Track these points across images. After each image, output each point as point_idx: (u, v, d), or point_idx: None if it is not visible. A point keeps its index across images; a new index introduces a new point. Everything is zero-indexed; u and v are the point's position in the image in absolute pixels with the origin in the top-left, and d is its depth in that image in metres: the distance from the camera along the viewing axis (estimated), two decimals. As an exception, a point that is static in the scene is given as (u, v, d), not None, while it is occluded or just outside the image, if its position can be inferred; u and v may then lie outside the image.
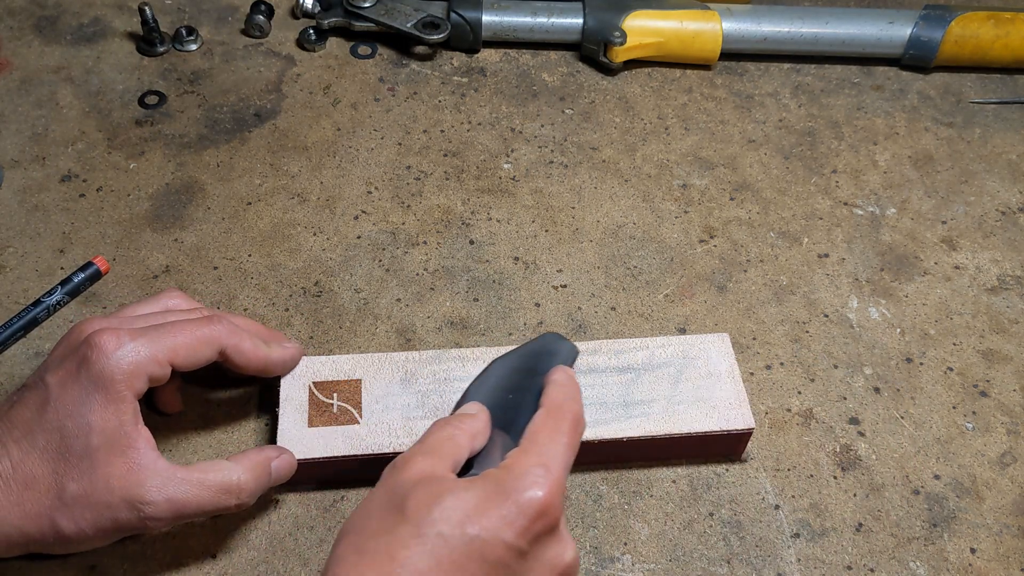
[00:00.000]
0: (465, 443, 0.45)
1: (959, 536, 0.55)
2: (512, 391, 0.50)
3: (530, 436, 0.45)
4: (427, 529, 0.40)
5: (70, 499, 0.45)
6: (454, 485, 0.42)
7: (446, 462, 0.44)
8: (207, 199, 0.69)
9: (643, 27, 0.79)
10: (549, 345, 0.52)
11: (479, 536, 0.40)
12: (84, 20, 0.82)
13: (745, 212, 0.71)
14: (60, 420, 0.46)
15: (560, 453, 0.44)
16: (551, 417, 0.45)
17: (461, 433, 0.46)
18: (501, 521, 0.40)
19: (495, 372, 0.51)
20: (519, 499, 0.41)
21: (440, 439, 0.45)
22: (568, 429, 0.45)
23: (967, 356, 0.64)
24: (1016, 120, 0.80)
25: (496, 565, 0.40)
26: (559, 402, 0.46)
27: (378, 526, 0.41)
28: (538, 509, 0.41)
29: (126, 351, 0.47)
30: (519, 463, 0.43)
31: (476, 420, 0.47)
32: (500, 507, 0.41)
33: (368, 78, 0.79)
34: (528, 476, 0.42)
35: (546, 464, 0.43)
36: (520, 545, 0.41)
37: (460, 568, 0.40)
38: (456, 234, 0.68)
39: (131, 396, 0.47)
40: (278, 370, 0.54)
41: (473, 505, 0.41)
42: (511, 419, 0.48)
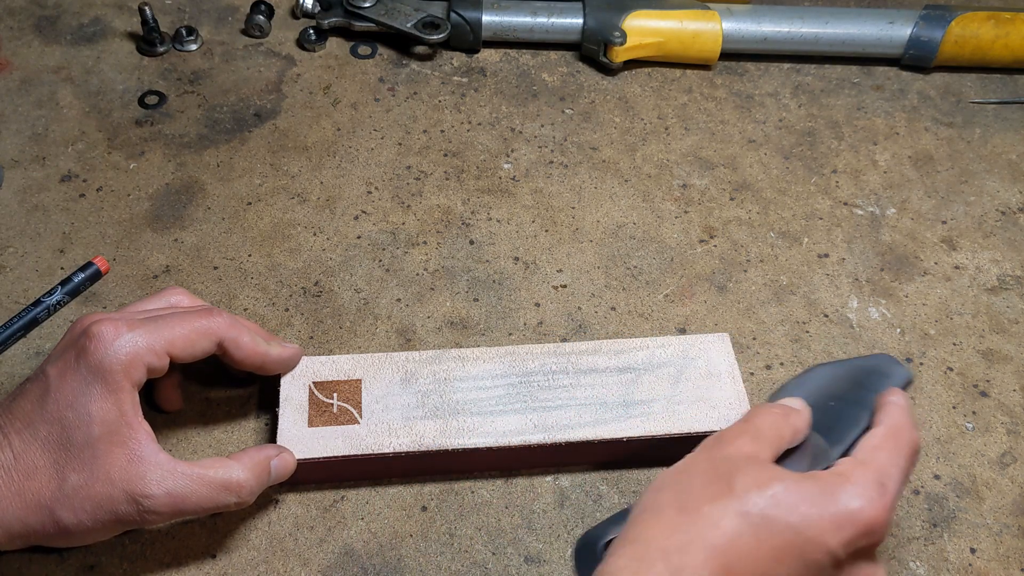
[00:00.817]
0: (787, 435, 0.45)
1: (959, 536, 0.55)
2: (835, 399, 0.49)
3: (869, 451, 0.44)
4: (753, 509, 0.40)
5: (71, 490, 0.46)
6: (783, 474, 0.41)
7: (769, 449, 0.44)
8: (207, 199, 0.69)
9: (643, 27, 0.79)
10: (883, 365, 0.51)
11: (805, 532, 0.40)
12: (84, 20, 0.82)
13: (745, 212, 0.71)
14: (60, 411, 0.46)
15: (897, 477, 0.43)
16: (893, 438, 0.44)
17: (787, 425, 0.45)
18: (829, 524, 0.40)
19: (818, 376, 0.50)
20: (851, 507, 0.40)
21: (766, 424, 0.45)
22: (908, 455, 0.44)
23: (967, 356, 0.64)
24: (1016, 120, 0.80)
25: (811, 566, 0.40)
26: (902, 426, 0.45)
27: (702, 491, 0.41)
28: (868, 525, 0.41)
29: (124, 341, 0.47)
30: (857, 474, 0.42)
31: (800, 416, 0.46)
32: (830, 510, 0.40)
33: (368, 78, 0.79)
34: (865, 488, 0.41)
35: (884, 483, 0.42)
36: (840, 555, 0.40)
37: (778, 556, 0.39)
38: (456, 234, 0.68)
39: (129, 386, 0.47)
40: (276, 368, 0.54)
41: (803, 500, 0.40)
42: (830, 425, 0.47)
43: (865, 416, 0.47)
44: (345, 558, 0.52)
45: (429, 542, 0.53)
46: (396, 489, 0.55)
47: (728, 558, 0.39)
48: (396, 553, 0.52)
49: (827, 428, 0.47)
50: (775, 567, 0.39)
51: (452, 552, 0.53)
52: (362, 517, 0.54)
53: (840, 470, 0.42)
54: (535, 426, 0.54)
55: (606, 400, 0.55)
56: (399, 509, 0.54)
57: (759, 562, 0.39)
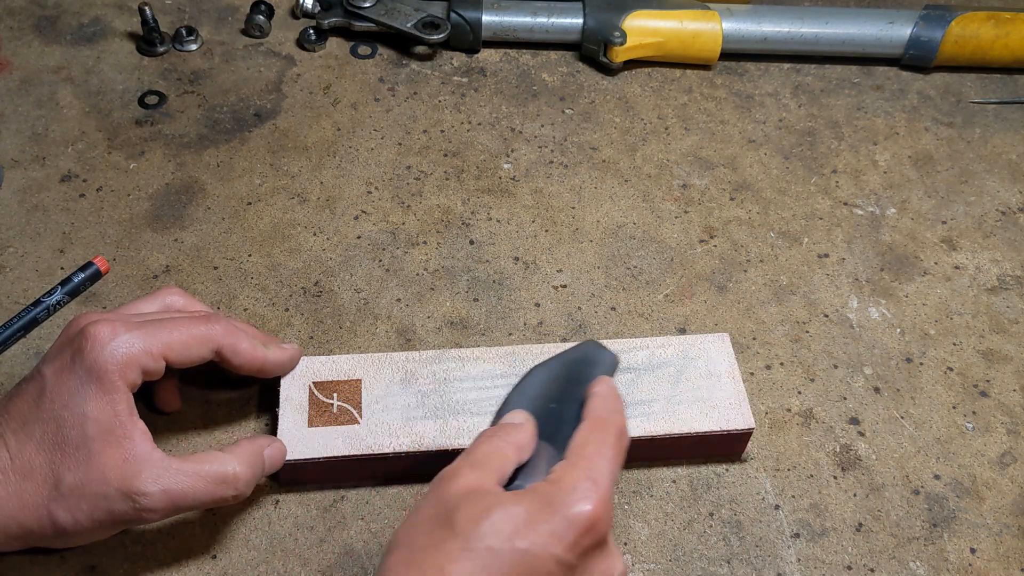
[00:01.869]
0: (512, 455, 0.45)
1: (959, 536, 0.55)
2: (554, 400, 0.49)
3: (576, 449, 0.44)
4: (476, 543, 0.40)
5: (67, 490, 0.45)
6: (503, 499, 0.42)
7: (493, 475, 0.44)
8: (207, 199, 0.69)
9: (643, 27, 0.79)
10: (589, 354, 0.51)
11: (529, 550, 0.40)
12: (84, 20, 0.82)
13: (745, 212, 0.71)
14: (56, 411, 0.46)
15: (607, 467, 0.44)
16: (596, 430, 0.45)
17: (508, 446, 0.45)
18: (551, 535, 0.40)
19: (535, 381, 0.51)
20: (568, 513, 0.41)
21: (487, 452, 0.45)
22: (613, 442, 0.45)
23: (967, 356, 0.64)
24: (1016, 120, 0.80)
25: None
26: (603, 414, 0.46)
27: (427, 540, 0.41)
28: (587, 523, 0.41)
29: (120, 342, 0.47)
30: (567, 477, 0.43)
31: (522, 431, 0.47)
32: (549, 521, 0.41)
33: (368, 78, 0.79)
34: (577, 491, 0.42)
35: (594, 478, 0.42)
36: (570, 559, 0.41)
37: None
38: (456, 234, 0.68)
39: (124, 387, 0.47)
40: (275, 371, 0.54)
41: (522, 519, 0.41)
42: (554, 430, 0.48)
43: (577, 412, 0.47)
44: (345, 558, 0.52)
45: (429, 542, 0.53)
46: (396, 489, 0.55)
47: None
48: (396, 553, 0.52)
49: (552, 433, 0.47)
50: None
51: (452, 552, 0.53)
52: (362, 517, 0.54)
53: (553, 476, 0.43)
54: (535, 426, 0.54)
55: (606, 400, 0.55)
56: (399, 509, 0.54)
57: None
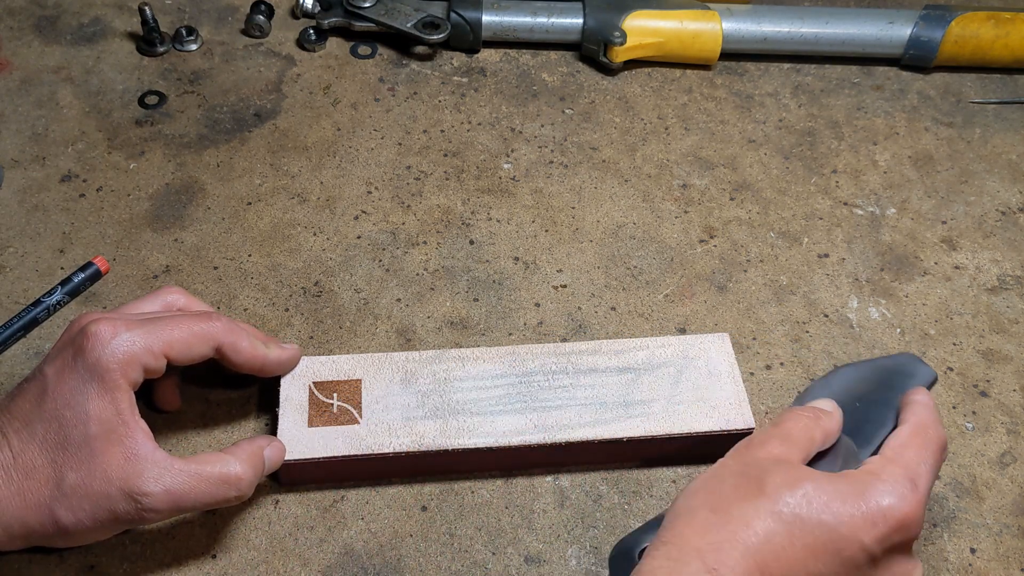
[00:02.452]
0: (819, 438, 0.45)
1: (959, 536, 0.55)
2: (861, 400, 0.49)
3: (896, 448, 0.44)
4: (785, 508, 0.40)
5: (69, 489, 0.46)
6: (814, 474, 0.42)
7: (800, 452, 0.44)
8: (207, 199, 0.69)
9: (643, 27, 0.79)
10: (907, 365, 0.51)
11: (837, 528, 0.40)
12: (84, 20, 0.82)
13: (745, 212, 0.71)
14: (58, 410, 0.46)
15: (926, 473, 0.43)
16: (919, 436, 0.45)
17: (817, 427, 0.45)
18: (863, 520, 0.40)
19: (843, 377, 0.50)
20: (883, 504, 0.41)
21: (798, 428, 0.45)
22: (935, 451, 0.44)
23: (967, 356, 0.64)
24: (1016, 120, 0.80)
25: (848, 563, 0.40)
26: (928, 423, 0.46)
27: (734, 493, 0.41)
28: (901, 520, 0.41)
29: (121, 340, 0.47)
30: (887, 471, 0.42)
31: (832, 419, 0.46)
32: (862, 507, 0.41)
33: (368, 78, 0.79)
34: (896, 485, 0.41)
35: (914, 479, 0.42)
36: (875, 550, 0.40)
37: (813, 554, 0.40)
38: (456, 234, 0.68)
39: (126, 386, 0.47)
40: (275, 370, 0.55)
41: (835, 498, 0.41)
42: (857, 426, 0.47)
43: (891, 416, 0.47)
44: (345, 558, 0.52)
45: (429, 542, 0.53)
46: (396, 489, 0.55)
47: (762, 556, 0.39)
48: (396, 553, 0.52)
49: (854, 430, 0.47)
50: (810, 563, 0.40)
51: (452, 552, 0.53)
52: (362, 517, 0.54)
53: (870, 468, 0.43)
54: (535, 426, 0.54)
55: (606, 400, 0.55)
56: (399, 509, 0.54)
57: (794, 559, 0.40)
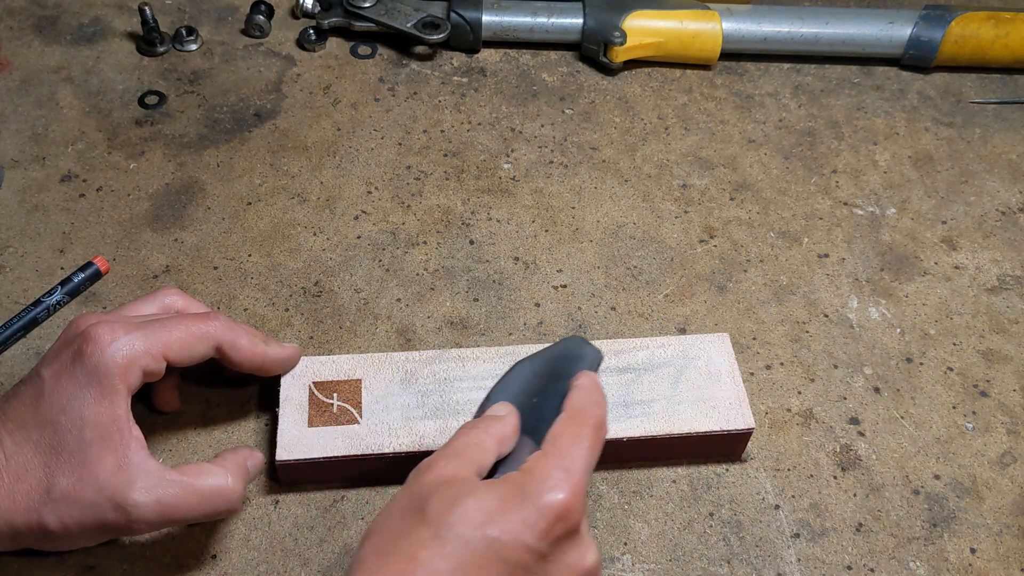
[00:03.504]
0: (492, 447, 0.45)
1: (959, 536, 0.55)
2: (536, 395, 0.49)
3: (551, 440, 0.45)
4: (446, 531, 0.40)
5: (58, 495, 0.45)
6: (474, 487, 0.42)
7: (471, 466, 0.44)
8: (207, 199, 0.69)
9: (643, 27, 0.79)
10: (573, 349, 0.52)
11: (499, 538, 0.40)
12: (84, 20, 0.82)
13: (745, 212, 0.71)
14: (54, 414, 0.46)
15: (581, 456, 0.44)
16: (573, 421, 0.46)
17: (488, 437, 0.46)
18: (521, 523, 0.41)
19: (519, 375, 0.51)
20: (539, 502, 0.41)
21: (466, 443, 0.45)
22: (590, 433, 0.45)
23: (967, 356, 0.64)
24: (1016, 120, 0.80)
25: (516, 567, 0.40)
26: (581, 406, 0.46)
27: (399, 528, 0.41)
28: (558, 512, 0.41)
29: (120, 344, 0.47)
30: (539, 466, 0.43)
31: (504, 424, 0.47)
32: (520, 509, 0.41)
33: (368, 78, 0.79)
34: (549, 479, 0.42)
35: (567, 467, 0.43)
36: (540, 547, 0.41)
37: (480, 569, 0.40)
38: (456, 234, 0.68)
39: (125, 390, 0.47)
40: (276, 369, 0.54)
41: (493, 507, 0.41)
42: (536, 424, 0.48)
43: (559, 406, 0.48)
44: (345, 558, 0.52)
45: (429, 542, 0.53)
46: (396, 489, 0.55)
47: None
48: (396, 553, 0.52)
49: (534, 427, 0.48)
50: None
51: (452, 552, 0.53)
52: (362, 517, 0.54)
53: (525, 467, 0.43)
54: (535, 426, 0.54)
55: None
56: (399, 509, 0.54)
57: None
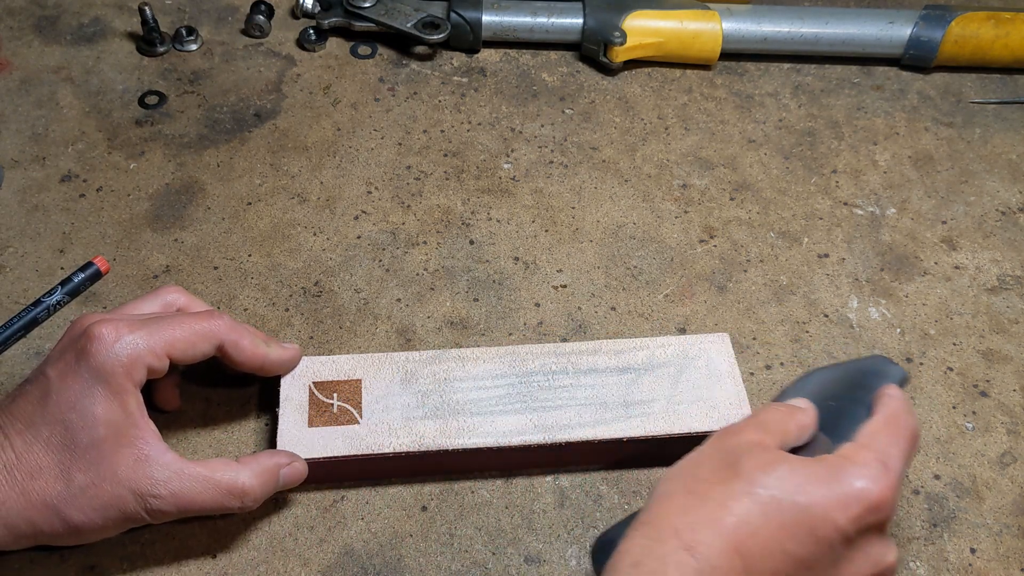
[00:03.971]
0: (793, 430, 0.46)
1: (959, 536, 0.55)
2: (835, 399, 0.49)
3: (868, 435, 0.45)
4: (760, 489, 0.41)
5: (78, 490, 0.46)
6: (788, 457, 0.42)
7: (775, 439, 0.44)
8: (207, 199, 0.69)
9: (643, 27, 0.79)
10: (879, 365, 0.52)
11: (811, 509, 0.40)
12: (84, 20, 0.82)
13: (745, 212, 0.71)
14: (63, 413, 0.46)
15: (898, 457, 0.44)
16: (891, 424, 0.45)
17: (792, 420, 0.46)
18: (836, 502, 0.41)
19: (817, 379, 0.51)
20: (855, 486, 0.41)
21: (774, 419, 0.45)
22: (908, 438, 0.45)
23: (967, 356, 0.64)
24: (1016, 120, 0.80)
25: (822, 542, 0.41)
26: (899, 413, 0.46)
27: (710, 475, 0.42)
28: (874, 502, 0.41)
29: (125, 343, 0.47)
30: (859, 455, 0.43)
31: (806, 414, 0.47)
32: (837, 489, 0.41)
33: (368, 78, 0.79)
34: (868, 468, 0.42)
35: (885, 462, 0.43)
36: (849, 531, 0.41)
37: (788, 534, 0.40)
38: (456, 234, 0.68)
39: (132, 387, 0.48)
40: (276, 369, 0.55)
41: (807, 480, 0.41)
42: (832, 424, 0.48)
43: (864, 413, 0.48)
44: (345, 558, 0.52)
45: (429, 542, 0.53)
46: (396, 489, 0.55)
47: (738, 535, 0.40)
48: (396, 553, 0.52)
49: (830, 427, 0.48)
50: (786, 543, 0.40)
51: (452, 552, 0.53)
52: (362, 517, 0.54)
53: (843, 453, 0.43)
54: (535, 426, 0.54)
55: (606, 400, 0.55)
56: (399, 509, 0.54)
57: (769, 538, 0.40)
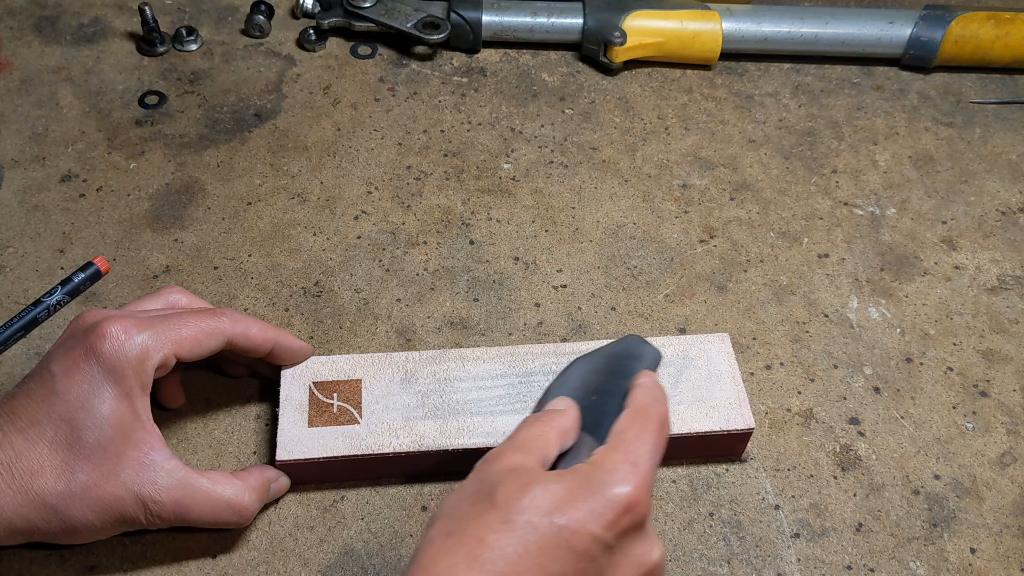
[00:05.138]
0: (555, 440, 0.46)
1: (959, 536, 0.55)
2: (595, 393, 0.50)
3: (617, 435, 0.45)
4: (516, 516, 0.41)
5: (79, 490, 0.46)
6: (543, 477, 0.42)
7: (536, 457, 0.44)
8: (207, 199, 0.69)
9: (643, 27, 0.79)
10: (632, 348, 0.52)
11: (567, 526, 0.40)
12: (84, 20, 0.82)
13: (745, 212, 0.71)
14: (70, 411, 0.46)
15: (647, 452, 0.44)
16: (637, 418, 0.46)
17: (551, 430, 0.46)
18: (589, 513, 0.41)
19: (577, 373, 0.51)
20: (607, 493, 0.42)
21: (531, 435, 0.46)
22: (655, 430, 0.45)
23: (967, 356, 0.64)
24: (1016, 120, 0.80)
25: (583, 556, 0.41)
26: (645, 404, 0.47)
27: (467, 511, 0.42)
28: (626, 504, 0.42)
29: (134, 342, 0.47)
30: (607, 459, 0.43)
31: (566, 417, 0.47)
32: (588, 500, 0.41)
33: (368, 78, 0.79)
34: (616, 472, 0.42)
35: (634, 461, 0.43)
36: (607, 539, 0.41)
37: (548, 555, 0.40)
38: (456, 234, 0.68)
39: (140, 388, 0.47)
40: (287, 356, 0.54)
41: (562, 496, 0.41)
42: (595, 421, 0.48)
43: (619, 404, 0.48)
44: (345, 558, 0.52)
45: (429, 542, 0.53)
46: (396, 489, 0.55)
47: (497, 568, 0.39)
48: (396, 553, 0.52)
49: (594, 424, 0.48)
50: (547, 565, 0.40)
51: (452, 552, 0.53)
52: (362, 517, 0.54)
53: (593, 459, 0.44)
54: (535, 426, 0.54)
55: (606, 400, 0.55)
56: (399, 509, 0.54)
57: (532, 566, 0.40)
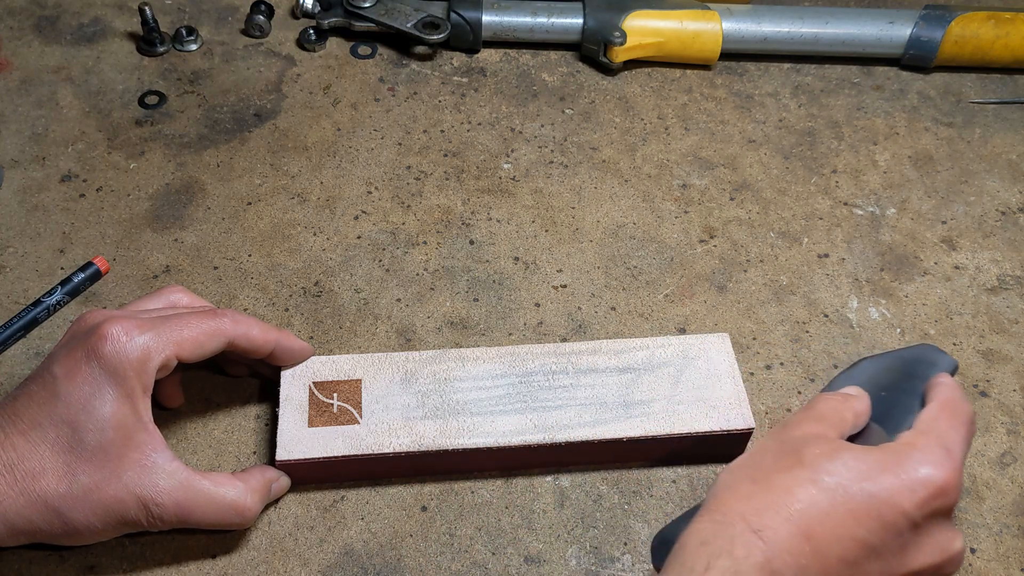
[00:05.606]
0: (850, 418, 0.46)
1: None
2: (885, 389, 0.49)
3: (927, 422, 0.45)
4: (826, 476, 0.41)
5: (80, 491, 0.46)
6: (852, 446, 0.42)
7: (834, 430, 0.45)
8: (207, 199, 0.69)
9: (643, 27, 0.79)
10: (928, 354, 0.52)
11: (878, 495, 0.41)
12: (84, 20, 0.82)
13: (745, 212, 0.71)
14: (72, 413, 0.46)
15: (959, 442, 0.44)
16: (948, 409, 0.45)
17: (847, 409, 0.46)
18: (902, 488, 0.41)
19: (866, 369, 0.51)
20: (920, 471, 0.41)
21: (829, 408, 0.46)
22: (966, 423, 0.45)
23: (967, 356, 0.64)
24: (1016, 120, 0.80)
25: (889, 528, 0.41)
26: (954, 399, 0.46)
27: (774, 465, 0.42)
28: (940, 487, 0.41)
29: (136, 344, 0.47)
30: (920, 442, 0.43)
31: (860, 401, 0.47)
32: (901, 475, 0.41)
33: (368, 78, 0.79)
34: (932, 453, 0.42)
35: (948, 448, 0.43)
36: (915, 517, 0.41)
37: (855, 519, 0.40)
38: (456, 234, 0.68)
39: (141, 390, 0.47)
40: (288, 355, 0.54)
41: (872, 467, 0.41)
42: (885, 414, 0.48)
43: (917, 403, 0.48)
44: (345, 558, 0.52)
45: (429, 542, 0.53)
46: (396, 489, 0.55)
47: (806, 520, 0.40)
48: (396, 553, 0.52)
49: (882, 417, 0.48)
50: (854, 528, 0.40)
51: (452, 552, 0.53)
52: (362, 517, 0.54)
53: (904, 440, 0.43)
54: (535, 426, 0.54)
55: (606, 400, 0.55)
56: (399, 509, 0.54)
57: (837, 524, 0.40)
